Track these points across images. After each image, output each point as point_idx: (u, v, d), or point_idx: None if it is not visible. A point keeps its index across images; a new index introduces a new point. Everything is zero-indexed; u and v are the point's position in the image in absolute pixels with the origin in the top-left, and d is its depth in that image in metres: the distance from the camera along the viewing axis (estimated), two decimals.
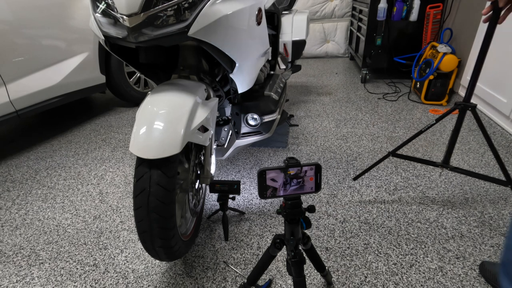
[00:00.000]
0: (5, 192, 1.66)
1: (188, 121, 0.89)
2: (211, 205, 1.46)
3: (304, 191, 0.72)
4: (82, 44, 2.21)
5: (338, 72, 3.58)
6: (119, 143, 2.12)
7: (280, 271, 1.10)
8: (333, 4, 4.06)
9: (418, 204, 1.40)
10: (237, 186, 1.23)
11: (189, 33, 0.86)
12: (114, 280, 1.11)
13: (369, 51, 3.00)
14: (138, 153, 0.83)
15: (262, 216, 1.38)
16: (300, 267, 0.77)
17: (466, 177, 1.56)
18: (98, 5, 0.90)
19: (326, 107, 2.54)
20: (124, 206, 1.49)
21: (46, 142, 2.20)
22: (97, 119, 2.54)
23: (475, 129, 2.04)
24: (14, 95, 1.83)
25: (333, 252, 1.18)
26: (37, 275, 1.15)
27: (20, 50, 1.85)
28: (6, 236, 1.35)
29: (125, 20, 0.83)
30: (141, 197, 0.85)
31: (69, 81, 2.14)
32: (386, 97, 2.70)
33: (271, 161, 1.80)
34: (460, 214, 1.33)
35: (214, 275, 1.11)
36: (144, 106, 0.91)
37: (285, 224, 0.77)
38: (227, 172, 1.72)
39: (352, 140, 2.00)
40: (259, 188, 0.70)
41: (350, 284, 1.05)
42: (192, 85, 1.01)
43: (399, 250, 1.17)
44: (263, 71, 1.68)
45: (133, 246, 1.26)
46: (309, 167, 0.70)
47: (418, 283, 1.04)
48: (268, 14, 1.72)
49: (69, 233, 1.35)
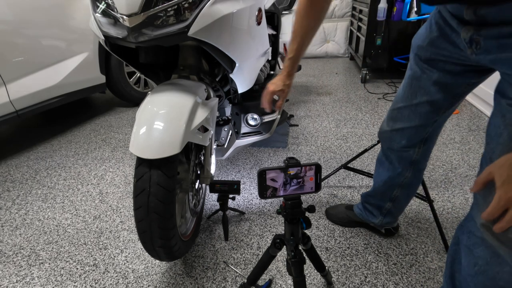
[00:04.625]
0: (5, 192, 1.66)
1: (188, 121, 0.89)
2: (211, 205, 1.46)
3: (304, 191, 0.72)
4: (82, 44, 2.21)
5: (338, 72, 3.58)
6: (119, 143, 2.12)
7: (280, 271, 1.10)
8: (333, 4, 4.06)
9: (418, 204, 1.40)
10: (237, 186, 1.23)
11: (189, 33, 0.86)
12: (114, 280, 1.11)
13: (369, 51, 3.00)
14: (138, 153, 0.83)
15: (262, 216, 1.38)
16: (300, 267, 0.77)
17: (466, 177, 1.56)
18: (98, 5, 0.90)
19: (326, 107, 2.54)
20: (124, 206, 1.49)
21: (46, 142, 2.20)
22: (97, 119, 2.54)
23: (475, 129, 2.04)
24: (14, 95, 1.83)
25: (333, 252, 1.18)
26: (37, 275, 1.15)
27: (20, 50, 1.85)
28: (6, 236, 1.35)
29: (125, 20, 0.83)
30: (141, 197, 0.85)
31: (69, 81, 2.14)
32: (386, 97, 2.70)
33: (271, 161, 1.80)
34: (460, 214, 1.33)
35: (214, 275, 1.11)
36: (144, 106, 0.91)
37: (285, 224, 0.77)
38: (227, 172, 1.72)
39: (352, 140, 2.00)
40: (259, 188, 0.70)
41: (350, 284, 1.05)
42: (192, 85, 1.01)
43: (399, 250, 1.17)
44: (263, 71, 1.68)
45: (133, 246, 1.26)
46: (309, 167, 0.70)
47: (418, 283, 1.04)
48: (268, 14, 1.72)
49: (69, 233, 1.35)
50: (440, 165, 1.68)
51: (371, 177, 1.50)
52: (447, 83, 0.79)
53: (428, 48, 0.77)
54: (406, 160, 0.98)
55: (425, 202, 1.34)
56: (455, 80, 0.77)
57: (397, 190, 1.06)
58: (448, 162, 1.70)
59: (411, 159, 0.97)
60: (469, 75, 0.75)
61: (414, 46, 0.83)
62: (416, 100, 0.85)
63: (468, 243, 0.67)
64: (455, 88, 0.79)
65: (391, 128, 0.96)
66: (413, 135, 0.92)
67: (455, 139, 1.93)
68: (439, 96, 0.81)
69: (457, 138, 1.94)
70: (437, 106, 0.84)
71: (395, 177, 1.02)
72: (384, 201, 1.10)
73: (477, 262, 0.65)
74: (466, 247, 0.68)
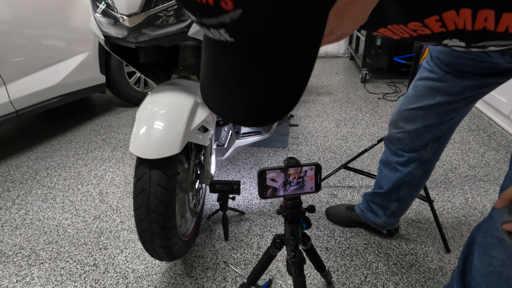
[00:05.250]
0: (5, 192, 1.66)
1: (188, 121, 0.89)
2: (211, 205, 1.46)
3: (304, 191, 0.72)
4: (82, 44, 2.21)
5: (338, 72, 3.58)
6: (119, 143, 2.12)
7: (280, 271, 1.10)
8: None
9: (418, 204, 1.40)
10: (237, 186, 1.23)
11: (189, 33, 0.86)
12: (114, 280, 1.11)
13: (369, 51, 3.00)
14: (138, 153, 0.83)
15: (262, 216, 1.38)
16: (300, 267, 0.77)
17: (466, 177, 1.56)
18: (98, 5, 0.90)
19: (326, 107, 2.54)
20: (124, 206, 1.49)
21: (46, 142, 2.20)
22: (97, 119, 2.54)
23: (475, 129, 2.04)
24: (14, 95, 1.83)
25: (333, 252, 1.18)
26: (37, 275, 1.15)
27: (20, 50, 1.85)
28: (6, 236, 1.35)
29: (125, 20, 0.83)
30: (141, 197, 0.85)
31: (69, 81, 2.14)
32: (386, 97, 2.70)
33: (271, 161, 1.80)
34: (460, 214, 1.33)
35: (214, 275, 1.11)
36: (144, 106, 0.91)
37: (285, 224, 0.77)
38: (227, 172, 1.72)
39: (352, 140, 2.00)
40: (259, 188, 0.70)
41: (350, 284, 1.05)
42: (192, 85, 1.01)
43: (399, 250, 1.17)
44: None
45: (133, 246, 1.26)
46: (309, 167, 0.70)
47: (418, 283, 1.04)
48: None
49: (69, 233, 1.35)
50: (440, 165, 1.68)
51: (371, 177, 1.50)
52: (474, 84, 0.76)
53: (452, 52, 0.74)
54: (418, 160, 0.96)
55: (425, 202, 1.34)
56: (484, 80, 0.75)
57: (405, 190, 1.04)
58: (448, 162, 1.70)
59: (423, 159, 0.95)
60: (499, 76, 0.72)
61: (433, 49, 0.80)
62: (435, 100, 0.83)
63: (484, 243, 0.66)
64: (481, 87, 0.77)
65: (403, 129, 0.93)
66: (427, 134, 0.90)
67: (455, 139, 1.93)
68: (462, 96, 0.79)
69: (457, 138, 1.94)
70: (457, 105, 0.82)
71: (404, 176, 1.00)
72: (391, 201, 1.09)
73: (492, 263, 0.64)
74: (481, 247, 0.67)
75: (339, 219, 1.30)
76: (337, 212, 1.31)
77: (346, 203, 1.36)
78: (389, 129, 1.00)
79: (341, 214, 1.29)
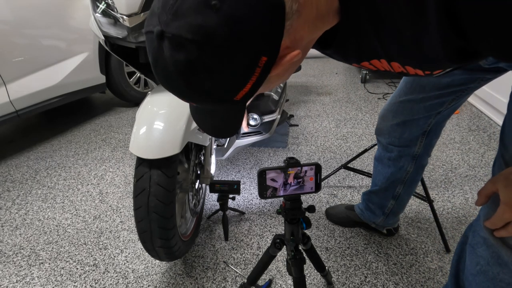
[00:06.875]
0: (5, 192, 1.66)
1: (188, 121, 0.89)
2: (211, 205, 1.46)
3: (304, 191, 0.72)
4: (82, 44, 2.21)
5: (338, 72, 3.58)
6: (119, 143, 2.12)
7: (280, 271, 1.10)
8: None
9: (418, 204, 1.40)
10: (237, 186, 1.23)
11: None
12: (114, 280, 1.11)
13: None
14: (138, 153, 0.83)
15: (262, 216, 1.38)
16: (300, 267, 0.77)
17: (466, 177, 1.56)
18: (98, 5, 0.90)
19: (326, 107, 2.54)
20: (124, 206, 1.49)
21: (46, 142, 2.20)
22: (97, 119, 2.54)
23: (475, 129, 2.04)
24: (14, 95, 1.83)
25: (333, 252, 1.18)
26: (37, 275, 1.15)
27: (20, 50, 1.85)
28: (6, 236, 1.35)
29: (125, 20, 0.83)
30: (141, 197, 0.85)
31: (69, 81, 2.14)
32: (386, 97, 2.70)
33: (271, 161, 1.80)
34: (460, 214, 1.33)
35: (214, 275, 1.11)
36: (144, 106, 0.91)
37: (285, 224, 0.77)
38: (227, 172, 1.72)
39: (352, 140, 2.00)
40: (259, 188, 0.70)
41: (350, 284, 1.05)
42: None
43: (399, 250, 1.17)
44: None
45: (133, 246, 1.26)
46: (309, 167, 0.70)
47: (418, 283, 1.04)
48: None
49: (69, 233, 1.35)
50: (440, 165, 1.68)
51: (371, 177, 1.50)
52: (462, 78, 0.78)
53: None
54: (408, 154, 0.98)
55: (425, 202, 1.34)
56: (471, 75, 0.77)
57: (400, 187, 1.06)
58: (448, 162, 1.70)
59: (414, 153, 0.97)
60: (484, 72, 0.74)
61: None
62: (424, 94, 0.85)
63: (472, 242, 0.67)
64: (469, 82, 0.79)
65: (392, 122, 0.95)
66: (415, 127, 0.92)
67: (455, 139, 1.93)
68: (450, 90, 0.81)
69: (457, 138, 1.94)
70: (444, 99, 0.83)
71: (397, 172, 1.02)
72: (387, 200, 1.10)
73: (479, 262, 0.64)
74: (470, 246, 0.68)
75: (339, 219, 1.30)
76: (337, 212, 1.31)
77: (346, 203, 1.36)
78: (378, 122, 1.02)
79: (341, 214, 1.29)
